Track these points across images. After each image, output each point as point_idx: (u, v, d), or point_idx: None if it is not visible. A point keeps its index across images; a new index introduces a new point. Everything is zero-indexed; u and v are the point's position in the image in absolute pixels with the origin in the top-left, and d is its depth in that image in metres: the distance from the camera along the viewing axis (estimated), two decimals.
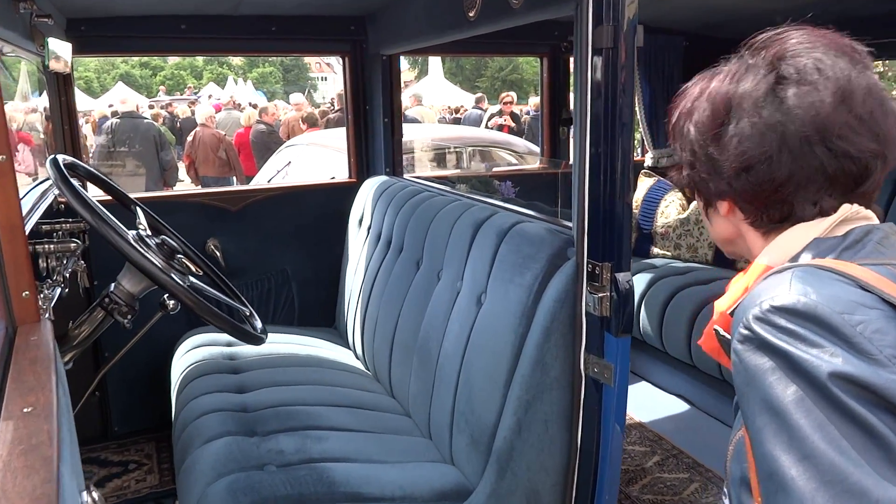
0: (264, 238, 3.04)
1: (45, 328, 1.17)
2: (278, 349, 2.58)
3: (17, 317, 1.17)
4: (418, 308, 2.20)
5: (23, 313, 1.17)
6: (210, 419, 1.97)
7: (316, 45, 3.10)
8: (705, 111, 0.92)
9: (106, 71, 33.89)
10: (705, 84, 0.95)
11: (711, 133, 0.91)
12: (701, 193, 0.99)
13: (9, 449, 0.78)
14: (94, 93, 26.54)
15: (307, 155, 5.89)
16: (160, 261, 1.72)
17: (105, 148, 8.91)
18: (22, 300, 1.17)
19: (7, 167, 1.13)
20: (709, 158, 0.92)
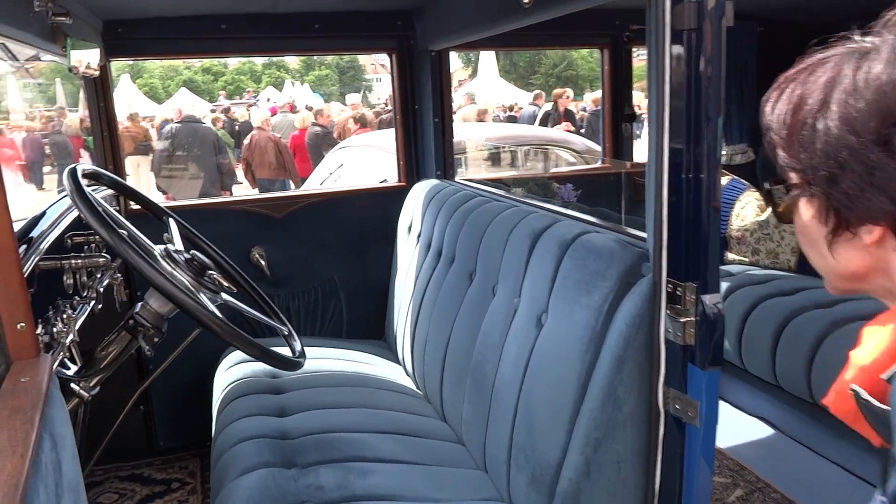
0: (311, 246, 2.90)
1: (42, 366, 1.02)
2: (324, 366, 2.43)
3: (11, 352, 1.02)
4: (472, 325, 2.01)
5: (17, 348, 1.03)
6: (247, 447, 1.82)
7: (361, 42, 2.94)
8: (862, 105, 0.68)
9: (170, 77, 34.98)
10: (837, 71, 0.71)
11: (877, 134, 0.67)
12: (837, 215, 0.74)
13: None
14: (160, 98, 27.38)
15: (360, 157, 5.77)
16: (188, 279, 1.57)
17: (165, 153, 9.05)
18: (17, 333, 1.02)
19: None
20: (868, 169, 0.68)
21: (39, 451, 0.82)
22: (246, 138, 9.45)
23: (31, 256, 1.57)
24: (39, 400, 0.91)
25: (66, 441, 0.98)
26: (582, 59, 32.26)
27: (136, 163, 11.26)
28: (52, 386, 1.01)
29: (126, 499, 2.51)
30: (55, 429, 0.93)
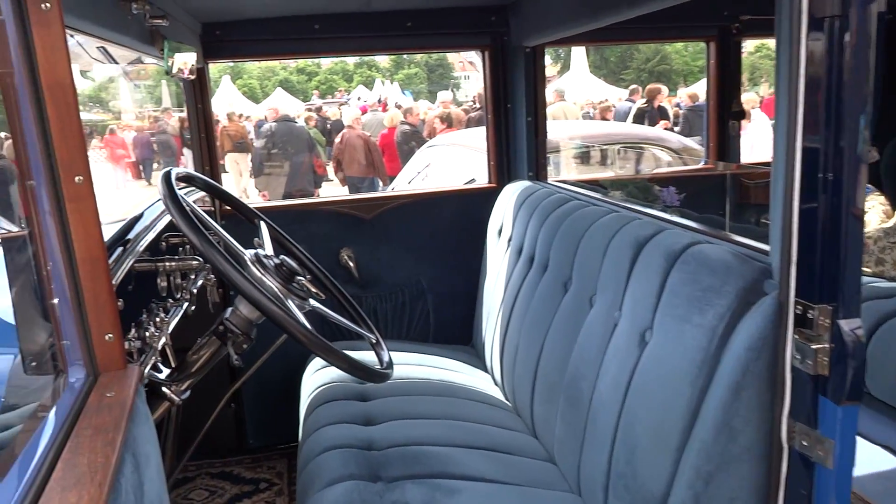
0: (399, 248, 2.86)
1: (128, 379, 1.00)
2: (410, 372, 2.37)
3: (99, 363, 1.00)
4: (566, 338, 1.89)
5: (106, 359, 1.01)
6: (333, 457, 1.78)
7: (454, 39, 2.87)
8: None
9: (267, 78, 36.36)
10: None
11: None
12: None
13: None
14: (257, 98, 28.50)
15: (447, 156, 5.72)
16: (277, 285, 1.54)
17: (262, 151, 9.33)
18: (105, 344, 1.00)
19: (85, 190, 0.96)
20: None
21: (119, 475, 0.78)
22: (337, 137, 9.62)
23: (126, 259, 1.58)
24: (123, 418, 0.87)
25: (149, 459, 0.94)
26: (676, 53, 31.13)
27: (234, 160, 11.83)
28: (137, 400, 0.98)
29: (216, 496, 2.54)
30: (138, 448, 0.89)
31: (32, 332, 1.03)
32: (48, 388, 1.01)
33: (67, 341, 0.98)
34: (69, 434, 0.82)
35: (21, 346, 1.06)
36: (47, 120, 0.93)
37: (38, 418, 0.91)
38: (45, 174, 0.94)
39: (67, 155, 0.95)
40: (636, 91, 11.08)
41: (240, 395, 2.78)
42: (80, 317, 0.98)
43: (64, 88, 0.94)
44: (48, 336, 1.02)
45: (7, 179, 1.14)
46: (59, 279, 0.97)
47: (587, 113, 14.50)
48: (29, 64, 0.91)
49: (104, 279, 0.99)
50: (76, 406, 0.88)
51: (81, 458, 0.76)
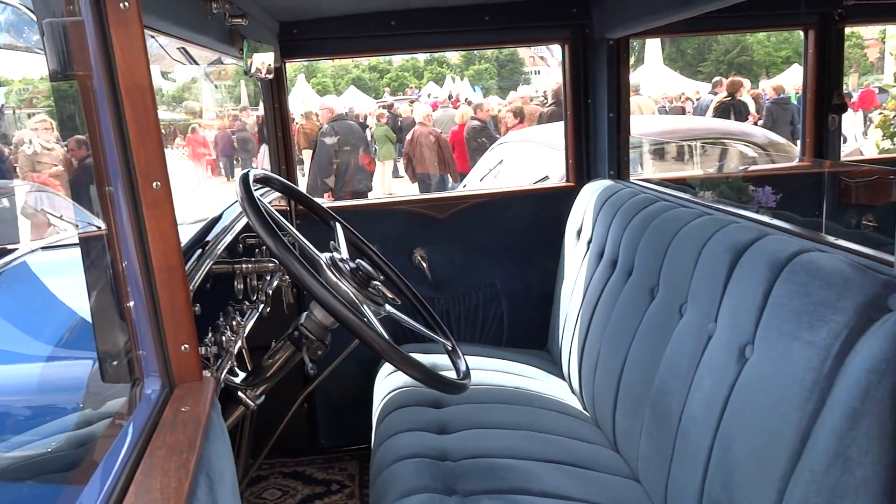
0: (473, 248, 2.79)
1: (204, 392, 0.96)
2: (485, 378, 2.30)
3: (174, 374, 0.97)
4: (654, 348, 1.78)
5: (182, 370, 0.98)
6: (406, 467, 1.73)
7: (533, 33, 2.77)
8: None
9: (340, 76, 37.05)
10: None
11: None
12: None
13: None
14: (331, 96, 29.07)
15: (520, 152, 5.62)
16: (352, 290, 1.50)
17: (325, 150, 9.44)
18: (181, 355, 0.97)
19: (163, 196, 0.93)
20: None
21: (193, 499, 0.74)
22: (408, 133, 9.65)
23: (205, 261, 1.57)
24: (198, 435, 0.83)
25: (224, 476, 0.91)
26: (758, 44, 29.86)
27: (310, 156, 12.52)
28: (213, 413, 0.94)
29: (288, 496, 2.54)
30: (213, 466, 0.86)
31: (110, 338, 1.01)
32: (124, 397, 0.99)
33: (143, 351, 0.96)
34: (143, 453, 0.79)
35: (99, 352, 1.04)
36: (125, 123, 0.91)
37: (113, 431, 0.89)
38: (123, 179, 0.92)
39: (145, 160, 0.92)
40: (720, 83, 10.63)
41: (313, 396, 2.78)
42: (156, 326, 0.95)
43: (142, 91, 0.91)
44: (125, 343, 1.00)
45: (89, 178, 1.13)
46: (135, 286, 0.95)
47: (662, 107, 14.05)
48: (107, 65, 0.89)
49: (181, 288, 0.96)
50: (150, 422, 0.85)
51: (154, 481, 0.73)
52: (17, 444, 1.12)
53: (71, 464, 1.08)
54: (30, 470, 1.10)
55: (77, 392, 1.11)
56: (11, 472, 1.08)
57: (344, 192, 8.34)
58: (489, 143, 7.25)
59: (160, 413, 0.89)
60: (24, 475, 1.09)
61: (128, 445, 0.80)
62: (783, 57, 27.68)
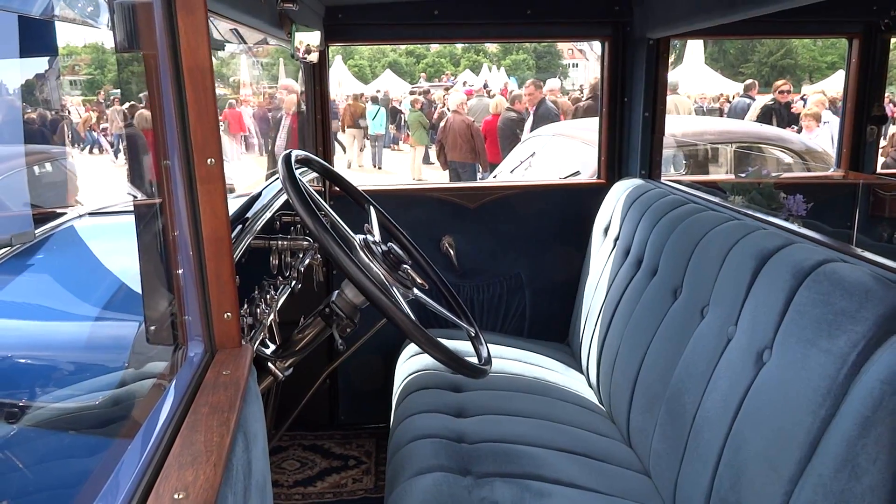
0: (500, 239, 2.83)
1: (243, 357, 1.03)
2: (505, 367, 2.35)
3: (217, 340, 1.03)
4: (672, 348, 1.81)
5: (223, 337, 1.04)
6: (423, 446, 1.79)
7: (574, 29, 2.79)
8: None
9: (377, 59, 37.09)
10: None
11: None
12: None
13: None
14: (366, 79, 29.17)
15: (552, 146, 5.63)
16: (383, 272, 1.55)
17: None
18: (223, 322, 1.03)
19: (216, 172, 0.99)
20: None
21: (232, 455, 0.80)
22: (442, 120, 9.67)
23: (245, 237, 1.64)
24: (237, 397, 0.90)
25: (257, 438, 0.97)
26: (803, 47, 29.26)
27: (352, 134, 14.01)
28: (249, 379, 1.00)
29: (307, 468, 2.62)
30: (249, 427, 0.92)
31: (157, 302, 1.08)
32: (168, 359, 1.06)
33: (189, 317, 1.02)
34: (187, 410, 0.85)
35: (146, 315, 1.11)
36: (185, 102, 0.96)
37: (158, 390, 0.95)
38: (180, 154, 0.97)
39: (202, 137, 0.98)
40: (752, 86, 10.42)
41: (336, 373, 2.85)
42: (202, 294, 1.01)
43: (203, 72, 0.96)
44: (171, 308, 1.06)
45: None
46: (185, 256, 1.01)
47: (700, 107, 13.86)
48: (172, 47, 0.94)
49: (227, 259, 1.02)
50: (194, 382, 0.91)
51: (198, 435, 0.79)
52: (65, 397, 1.20)
53: (116, 418, 1.15)
54: (77, 422, 1.17)
55: (123, 352, 1.18)
56: (60, 423, 1.16)
57: None
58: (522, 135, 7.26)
59: (202, 375, 0.95)
60: (71, 426, 1.17)
61: (173, 402, 0.86)
62: (828, 62, 27.09)
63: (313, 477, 2.57)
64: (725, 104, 14.57)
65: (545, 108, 8.00)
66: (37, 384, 1.19)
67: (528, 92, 8.30)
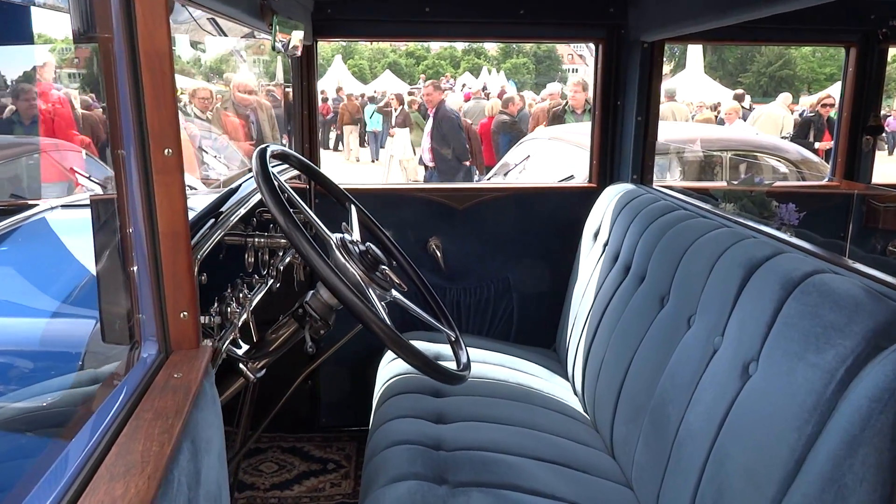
0: (488, 241, 2.78)
1: (199, 359, 0.97)
2: (488, 372, 2.30)
3: (172, 340, 0.98)
4: (658, 357, 1.76)
5: (179, 337, 0.99)
6: (400, 452, 1.74)
7: (567, 30, 2.74)
8: None
9: (377, 59, 37.09)
10: None
11: None
12: None
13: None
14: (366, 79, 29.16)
15: (547, 149, 5.59)
16: (360, 272, 1.50)
17: None
18: (180, 322, 0.98)
19: (173, 164, 0.94)
20: None
21: (173, 465, 0.74)
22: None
23: (216, 231, 1.58)
24: (187, 402, 0.84)
25: (211, 444, 0.92)
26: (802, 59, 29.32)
27: (349, 131, 15.01)
28: (205, 382, 0.95)
29: (284, 471, 2.57)
30: (199, 433, 0.87)
31: (113, 299, 1.03)
32: (122, 359, 1.01)
33: (143, 315, 0.97)
34: (129, 416, 0.80)
35: (101, 312, 1.06)
36: (142, 89, 0.91)
37: (105, 392, 0.90)
38: (136, 144, 0.92)
39: (159, 126, 0.93)
40: (742, 97, 10.32)
41: (317, 374, 2.80)
42: (157, 291, 0.96)
43: (161, 58, 0.91)
44: (127, 306, 1.01)
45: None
46: (140, 251, 0.95)
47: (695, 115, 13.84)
48: (128, 30, 0.89)
49: (184, 255, 0.97)
50: (141, 385, 0.86)
51: (136, 444, 0.73)
52: (14, 396, 1.14)
53: (63, 419, 1.10)
54: (23, 422, 1.12)
55: (78, 349, 1.13)
56: (6, 423, 1.11)
57: None
58: (518, 138, 7.21)
59: (153, 377, 0.90)
60: (12, 427, 1.12)
61: (117, 406, 0.81)
62: (827, 74, 27.16)
63: (291, 480, 2.51)
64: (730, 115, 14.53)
65: (444, 110, 7.99)
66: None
67: (427, 93, 8.25)
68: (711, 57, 25.88)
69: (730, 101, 11.04)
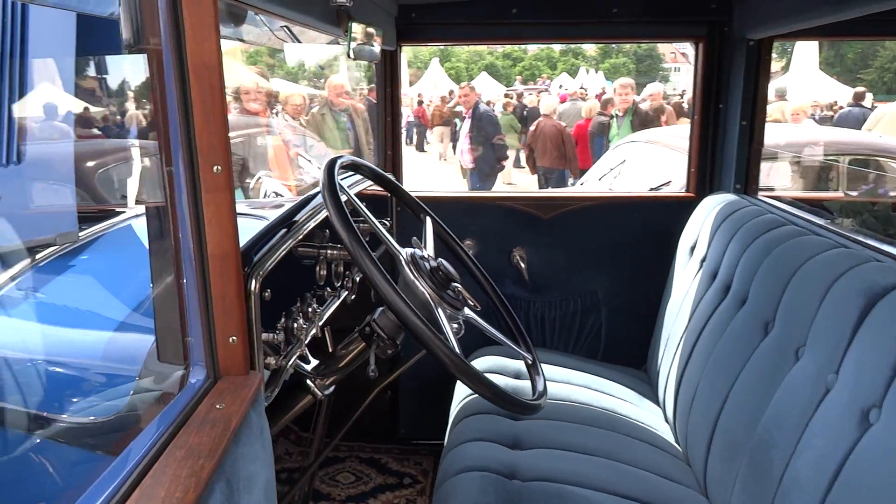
0: (575, 253, 2.64)
1: (248, 386, 0.92)
2: (572, 393, 2.17)
3: (220, 366, 0.93)
4: (760, 390, 1.58)
5: (228, 362, 0.94)
6: (472, 480, 1.64)
7: (665, 29, 2.56)
8: None
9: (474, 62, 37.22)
10: None
11: None
12: None
13: None
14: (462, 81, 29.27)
15: (644, 154, 5.35)
16: (429, 290, 1.42)
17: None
18: (228, 347, 0.93)
19: (223, 181, 0.89)
20: None
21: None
22: (532, 124, 9.47)
23: (287, 241, 1.54)
24: (224, 439, 0.79)
25: (254, 481, 0.86)
26: None
27: (440, 132, 15.39)
28: (251, 412, 0.89)
29: (361, 483, 2.53)
30: (238, 471, 0.81)
31: (167, 319, 0.99)
32: (174, 381, 0.97)
33: (192, 338, 0.93)
34: (161, 453, 0.75)
35: (157, 330, 1.02)
36: (191, 103, 0.87)
37: (147, 420, 0.86)
38: (185, 160, 0.88)
39: (208, 142, 0.88)
40: (861, 95, 9.50)
41: (397, 384, 2.75)
42: (205, 314, 0.91)
43: (210, 69, 0.87)
44: (179, 327, 0.97)
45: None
46: (189, 272, 0.91)
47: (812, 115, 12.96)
48: (176, 41, 0.85)
49: (234, 277, 0.92)
50: (180, 418, 0.81)
51: (159, 489, 0.68)
52: (66, 409, 1.14)
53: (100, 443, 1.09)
54: (66, 436, 1.12)
55: (136, 366, 1.11)
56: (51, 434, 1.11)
57: None
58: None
59: (194, 408, 0.85)
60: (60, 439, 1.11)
61: (150, 442, 0.77)
62: None
63: (366, 493, 2.47)
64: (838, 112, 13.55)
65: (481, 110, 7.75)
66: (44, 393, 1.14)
67: (464, 94, 8.01)
68: (828, 52, 24.22)
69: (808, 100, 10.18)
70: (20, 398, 1.14)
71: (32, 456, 1.16)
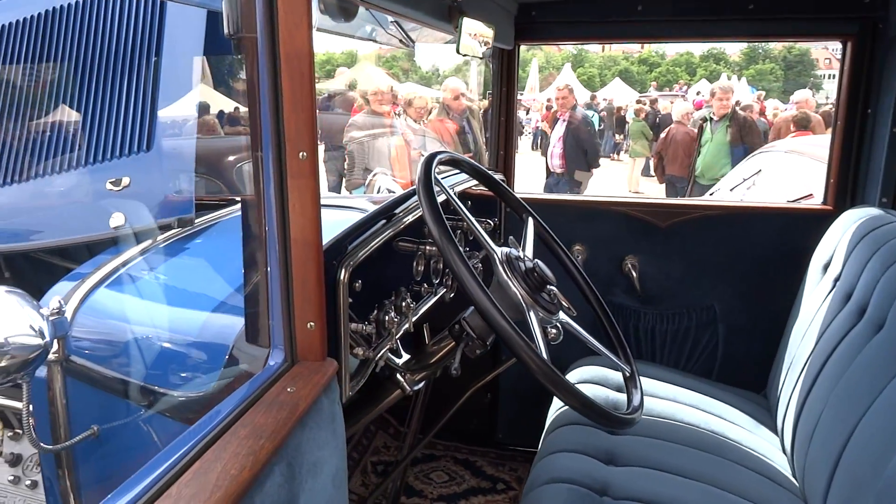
0: (693, 264, 2.49)
1: (323, 372, 0.93)
2: (677, 412, 2.04)
3: (298, 350, 0.95)
4: (892, 426, 1.41)
5: (305, 348, 0.95)
6: (560, 492, 1.58)
7: (808, 26, 2.35)
8: None
9: (608, 67, 36.45)
10: None
11: None
12: None
13: None
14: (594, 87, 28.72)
15: (783, 164, 4.99)
16: (522, 292, 1.38)
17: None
18: (306, 332, 0.95)
19: (308, 168, 0.90)
20: None
21: (253, 490, 0.69)
22: (663, 131, 9.12)
23: (386, 231, 1.56)
24: (290, 421, 0.79)
25: (320, 467, 0.86)
26: None
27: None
28: (323, 398, 0.90)
29: (454, 483, 2.52)
30: (303, 455, 0.81)
31: (254, 302, 1.03)
32: (258, 362, 1.00)
33: (273, 321, 0.95)
34: (228, 429, 0.77)
35: (246, 314, 1.06)
36: (281, 90, 0.89)
37: (218, 399, 0.89)
38: (273, 146, 0.90)
39: (295, 128, 0.90)
40: None
41: (496, 386, 2.72)
42: (286, 299, 0.93)
43: (301, 59, 0.88)
44: (264, 310, 1.00)
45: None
46: (273, 256, 0.93)
47: None
48: (270, 30, 0.87)
49: (314, 263, 0.93)
50: (251, 397, 0.83)
51: (217, 464, 0.69)
52: (167, 382, 1.21)
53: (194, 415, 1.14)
54: (167, 406, 1.19)
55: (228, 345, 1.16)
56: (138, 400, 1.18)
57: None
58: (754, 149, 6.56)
59: (266, 389, 0.86)
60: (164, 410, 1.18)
61: (219, 418, 0.79)
62: None
63: (458, 494, 2.46)
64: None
65: (577, 114, 7.27)
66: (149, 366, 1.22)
67: (562, 96, 7.50)
68: None
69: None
70: (129, 369, 1.23)
71: (141, 425, 1.25)
